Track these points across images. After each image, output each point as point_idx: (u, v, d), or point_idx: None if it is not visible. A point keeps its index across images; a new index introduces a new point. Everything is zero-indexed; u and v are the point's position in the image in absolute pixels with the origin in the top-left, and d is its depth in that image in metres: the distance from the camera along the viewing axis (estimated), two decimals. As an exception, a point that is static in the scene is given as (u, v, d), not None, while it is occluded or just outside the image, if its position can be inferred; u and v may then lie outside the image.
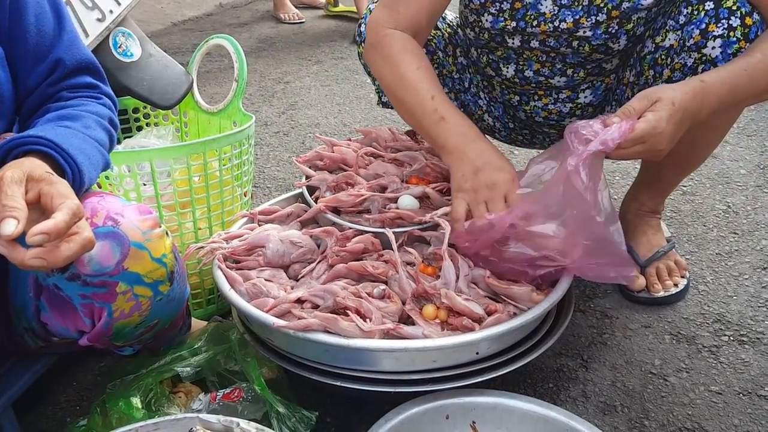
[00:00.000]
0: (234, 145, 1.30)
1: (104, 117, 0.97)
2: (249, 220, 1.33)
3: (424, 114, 1.16)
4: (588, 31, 1.26)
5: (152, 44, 1.43)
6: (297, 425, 1.02)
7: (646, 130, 1.01)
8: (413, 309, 1.07)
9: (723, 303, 1.38)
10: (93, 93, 0.99)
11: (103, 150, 0.93)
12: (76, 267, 0.85)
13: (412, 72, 1.18)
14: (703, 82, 1.05)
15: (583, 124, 1.04)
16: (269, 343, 1.10)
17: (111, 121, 0.99)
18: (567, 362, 1.24)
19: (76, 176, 0.85)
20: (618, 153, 1.03)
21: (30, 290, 0.93)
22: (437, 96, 1.16)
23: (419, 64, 1.19)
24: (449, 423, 1.02)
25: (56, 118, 0.91)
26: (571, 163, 1.01)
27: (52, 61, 0.95)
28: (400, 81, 1.19)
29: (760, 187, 1.82)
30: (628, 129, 1.01)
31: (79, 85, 0.98)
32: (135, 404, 0.99)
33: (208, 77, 3.04)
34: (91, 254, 0.84)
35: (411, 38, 1.22)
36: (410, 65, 1.19)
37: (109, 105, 1.01)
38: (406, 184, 1.29)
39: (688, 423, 1.09)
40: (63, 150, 0.83)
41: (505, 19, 1.30)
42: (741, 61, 1.08)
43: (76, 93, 0.98)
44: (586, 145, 1.01)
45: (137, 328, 0.94)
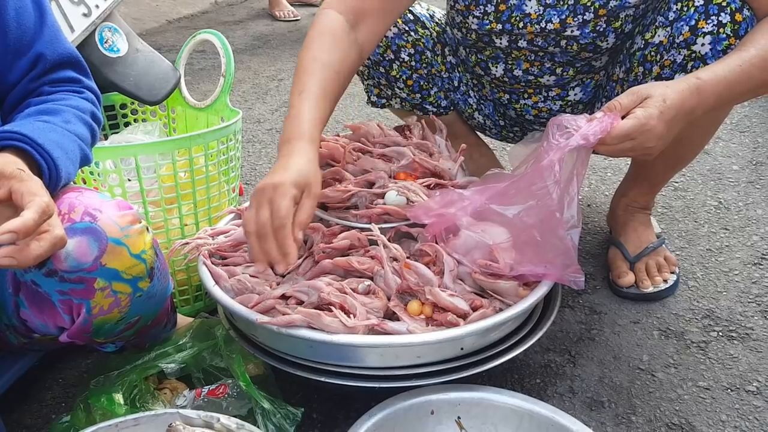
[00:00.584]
0: (220, 140, 1.30)
1: (85, 111, 0.96)
2: (236, 216, 1.32)
3: (289, 107, 1.11)
4: (576, 30, 1.25)
5: (139, 39, 1.42)
6: (282, 421, 1.01)
7: (634, 126, 0.98)
8: (398, 305, 1.07)
9: (712, 299, 1.37)
10: (75, 87, 0.98)
11: (83, 144, 0.92)
12: (53, 263, 0.84)
13: (306, 60, 1.13)
14: (699, 79, 1.02)
15: (568, 118, 1.03)
16: (254, 339, 1.09)
17: (93, 116, 0.98)
18: (554, 358, 1.24)
19: (52, 171, 0.84)
20: (605, 149, 1.02)
21: (9, 286, 0.93)
22: (305, 91, 1.09)
23: (317, 55, 1.13)
24: (434, 418, 1.01)
25: (35, 113, 0.90)
26: (548, 156, 1.00)
27: (33, 55, 0.94)
28: (298, 62, 1.14)
29: (752, 183, 1.81)
30: (610, 124, 0.99)
31: (61, 80, 0.97)
32: (117, 400, 0.99)
33: (201, 75, 3.04)
34: (68, 250, 0.84)
35: (341, 23, 1.17)
36: (310, 52, 1.13)
37: (92, 99, 1.00)
38: (394, 180, 1.28)
39: (675, 418, 1.09)
40: (38, 145, 0.82)
41: (490, 22, 1.30)
42: (735, 57, 1.05)
43: (58, 87, 0.97)
44: (567, 139, 1.00)
45: (118, 325, 0.94)
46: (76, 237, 0.84)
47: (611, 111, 1.01)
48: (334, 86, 1.14)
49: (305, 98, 1.09)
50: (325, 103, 1.12)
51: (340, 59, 1.15)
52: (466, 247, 1.12)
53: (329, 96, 1.13)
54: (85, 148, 0.92)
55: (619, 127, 0.99)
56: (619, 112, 1.01)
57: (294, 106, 1.09)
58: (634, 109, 1.00)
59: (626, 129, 0.99)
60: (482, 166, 1.61)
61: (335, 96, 1.15)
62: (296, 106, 1.09)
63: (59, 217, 0.85)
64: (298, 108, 1.09)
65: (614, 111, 1.01)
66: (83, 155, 0.92)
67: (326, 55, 1.14)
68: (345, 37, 1.17)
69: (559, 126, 1.03)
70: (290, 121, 1.08)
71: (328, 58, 1.13)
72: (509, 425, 1.01)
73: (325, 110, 1.12)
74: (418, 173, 1.29)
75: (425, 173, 1.29)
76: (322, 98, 1.11)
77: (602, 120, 0.99)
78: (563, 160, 1.01)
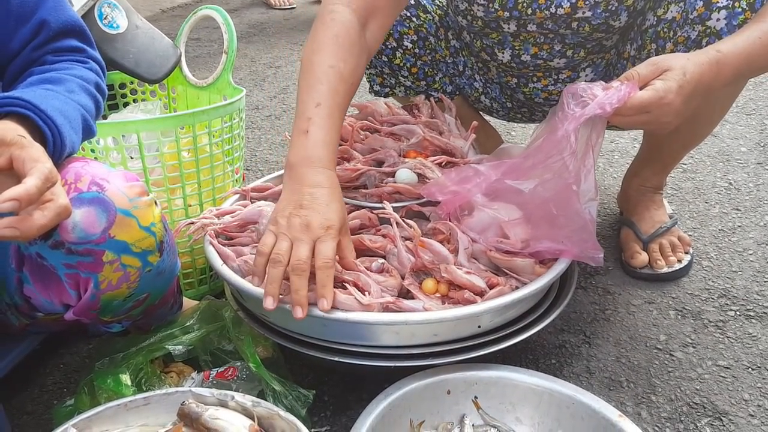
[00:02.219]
0: (224, 118, 1.26)
1: (90, 81, 0.92)
2: (241, 197, 1.29)
3: (300, 116, 1.02)
4: (587, 11, 1.22)
5: (138, 16, 1.38)
6: (294, 403, 0.98)
7: (652, 98, 0.94)
8: (413, 284, 1.04)
9: (728, 278, 1.35)
10: (79, 57, 0.94)
11: (87, 115, 0.88)
12: (60, 234, 0.80)
13: (321, 67, 1.04)
14: (719, 52, 0.99)
15: (583, 86, 0.98)
16: (264, 319, 1.06)
17: (98, 87, 0.94)
18: (569, 338, 1.21)
19: (56, 139, 0.80)
20: (620, 120, 0.98)
21: (12, 261, 0.89)
22: (323, 106, 1.01)
23: (334, 63, 1.04)
24: (451, 398, 0.98)
25: (38, 82, 0.87)
26: (563, 126, 0.96)
27: (36, 22, 0.90)
28: (308, 67, 1.05)
29: (761, 165, 1.79)
30: (628, 93, 0.95)
31: (64, 49, 0.93)
32: (124, 381, 0.95)
33: (197, 62, 3.00)
34: (75, 220, 0.80)
35: (354, 24, 1.08)
36: (326, 58, 1.04)
37: (96, 70, 0.96)
38: (404, 158, 1.25)
39: (696, 398, 1.06)
40: (41, 111, 0.78)
41: (496, 10, 1.26)
42: (755, 29, 1.02)
43: (62, 57, 0.93)
44: (582, 108, 0.97)
45: (126, 302, 0.90)
46: (84, 207, 0.80)
47: (629, 80, 0.97)
48: (347, 99, 1.07)
49: (324, 114, 1.01)
50: (340, 120, 1.05)
51: (354, 68, 1.08)
52: (481, 225, 1.09)
53: (342, 110, 1.06)
54: (88, 118, 0.88)
55: (637, 97, 0.95)
56: (637, 82, 0.97)
57: (312, 121, 1.01)
58: (653, 80, 0.96)
59: (644, 100, 0.95)
60: (489, 148, 1.57)
61: (346, 108, 1.08)
62: (316, 122, 1.00)
63: (65, 187, 0.81)
64: (319, 125, 1.00)
65: (632, 80, 0.97)
66: (87, 126, 0.88)
67: (343, 63, 1.05)
68: (358, 42, 1.09)
69: (574, 95, 0.99)
70: (311, 139, 1.00)
71: (344, 68, 1.05)
72: (528, 404, 0.98)
73: (339, 130, 1.06)
74: (429, 151, 1.26)
75: (436, 151, 1.26)
76: (338, 115, 1.04)
77: (620, 89, 0.95)
78: (579, 130, 0.98)
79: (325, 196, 0.96)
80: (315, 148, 0.99)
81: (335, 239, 0.93)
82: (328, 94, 1.02)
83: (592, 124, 0.98)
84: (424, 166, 1.15)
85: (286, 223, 0.94)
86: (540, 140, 1.03)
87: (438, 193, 1.09)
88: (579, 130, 0.98)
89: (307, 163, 0.98)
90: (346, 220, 0.98)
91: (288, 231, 0.94)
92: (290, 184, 0.99)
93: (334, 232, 0.93)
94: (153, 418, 0.89)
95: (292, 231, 0.93)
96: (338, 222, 0.94)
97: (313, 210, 0.94)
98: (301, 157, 0.99)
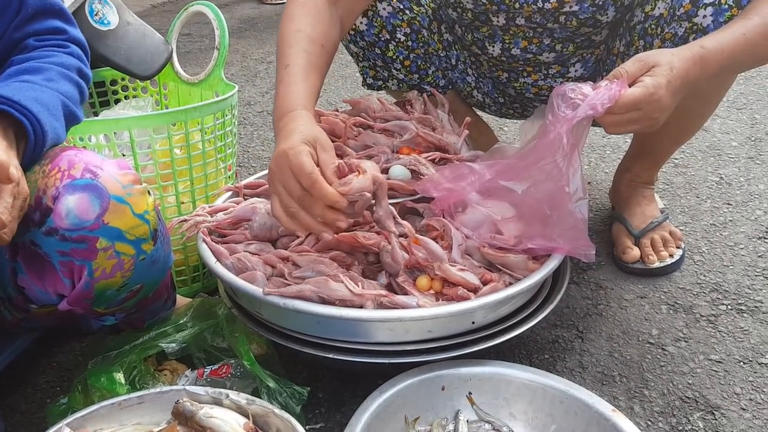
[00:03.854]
0: (216, 115, 1.26)
1: (71, 68, 0.91)
2: (234, 194, 1.29)
3: (276, 81, 1.06)
4: (575, 5, 1.22)
5: (129, 12, 1.37)
6: (288, 400, 0.98)
7: (643, 95, 0.95)
8: (407, 280, 1.04)
9: (719, 273, 1.35)
10: (60, 40, 0.94)
11: (69, 101, 0.88)
12: (54, 220, 0.81)
13: (290, 33, 1.07)
14: (703, 48, 1.00)
15: (572, 87, 0.98)
16: (258, 316, 1.06)
17: (80, 72, 0.93)
18: (562, 333, 1.22)
19: (36, 128, 0.80)
20: (611, 119, 0.98)
21: (6, 251, 0.88)
22: (291, 65, 1.04)
23: (301, 27, 1.08)
24: (445, 394, 0.98)
25: (16, 73, 0.87)
26: (555, 129, 0.97)
27: (16, 2, 0.90)
28: (279, 37, 1.09)
29: (752, 159, 1.80)
30: (618, 91, 0.95)
31: (46, 31, 0.93)
32: (118, 379, 0.95)
33: (188, 58, 2.98)
34: (69, 207, 0.80)
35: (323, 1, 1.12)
36: (293, 24, 1.08)
37: (78, 54, 0.95)
38: (397, 155, 1.25)
39: (689, 392, 1.07)
40: (16, 102, 0.79)
41: (485, 3, 1.26)
42: (739, 25, 1.03)
43: (43, 41, 0.92)
44: (573, 110, 0.97)
45: (120, 292, 0.90)
46: (77, 194, 0.81)
47: (618, 78, 0.97)
48: (321, 59, 1.09)
49: (293, 72, 1.04)
50: (314, 75, 1.06)
51: (324, 33, 1.10)
52: (474, 222, 1.09)
53: (317, 70, 1.08)
54: (70, 104, 0.88)
55: (628, 95, 0.95)
56: (626, 79, 0.97)
57: (282, 81, 1.03)
58: (642, 77, 0.97)
59: (635, 97, 0.95)
60: (481, 144, 1.57)
61: (323, 70, 1.10)
62: (284, 81, 1.03)
63: (58, 174, 0.81)
64: (287, 82, 1.03)
65: (620, 78, 0.97)
66: (69, 112, 0.88)
67: (311, 28, 1.08)
68: (326, 12, 1.12)
69: (563, 96, 0.99)
70: (280, 96, 1.02)
71: (312, 31, 1.08)
72: (522, 399, 0.99)
73: (315, 83, 1.07)
74: (422, 147, 1.26)
75: (429, 147, 1.26)
76: (311, 70, 1.06)
77: (609, 88, 0.95)
78: (570, 132, 0.98)
79: (289, 131, 0.94)
80: (284, 101, 1.01)
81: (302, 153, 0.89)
82: (296, 54, 1.05)
83: (579, 125, 0.98)
84: (419, 163, 1.15)
85: (269, 174, 0.95)
86: (533, 142, 1.03)
87: (432, 189, 1.09)
88: (571, 131, 0.98)
89: (278, 117, 1.00)
90: (315, 136, 0.94)
91: (271, 182, 0.94)
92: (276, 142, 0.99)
93: (297, 148, 0.90)
94: (147, 417, 0.89)
95: (273, 179, 0.93)
96: (299, 139, 0.91)
97: (277, 146, 0.94)
98: (275, 115, 1.02)
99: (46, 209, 0.82)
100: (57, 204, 0.81)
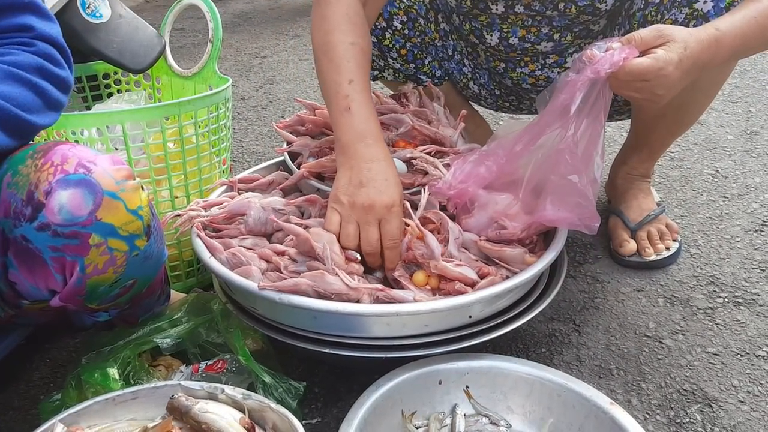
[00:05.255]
0: (210, 108, 1.24)
1: (26, 67, 0.87)
2: (228, 188, 1.28)
3: (336, 95, 1.04)
4: None
5: (122, 5, 1.36)
6: (284, 395, 0.97)
7: (652, 67, 0.92)
8: (403, 275, 1.03)
9: (716, 266, 1.35)
10: (25, 38, 0.89)
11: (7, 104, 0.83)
12: (46, 216, 0.79)
13: (343, 45, 1.06)
14: (717, 30, 0.98)
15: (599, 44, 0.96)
16: (253, 312, 1.05)
17: (42, 71, 0.89)
18: (559, 327, 1.21)
19: None
20: (616, 84, 0.96)
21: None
22: (356, 82, 1.04)
23: (355, 40, 1.06)
24: (442, 388, 0.98)
25: None
26: (561, 94, 0.95)
27: None
28: (327, 48, 1.06)
29: (747, 152, 1.80)
30: (623, 59, 0.92)
31: (9, 28, 0.89)
32: (112, 375, 0.94)
33: (181, 52, 2.96)
34: (61, 202, 0.79)
35: (359, 6, 1.11)
36: (345, 36, 1.06)
37: (45, 52, 0.90)
38: (393, 148, 1.24)
39: (686, 385, 1.07)
40: None
41: None
42: (750, 8, 1.01)
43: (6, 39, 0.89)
44: (577, 74, 0.95)
45: (112, 288, 0.89)
46: (70, 189, 0.79)
47: (630, 42, 0.95)
48: (369, 73, 1.11)
49: (360, 89, 1.04)
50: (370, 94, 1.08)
51: (369, 43, 1.11)
52: (480, 226, 1.08)
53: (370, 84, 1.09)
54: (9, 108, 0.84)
55: (636, 64, 0.93)
56: (638, 46, 0.94)
57: (351, 97, 1.03)
58: (655, 48, 0.94)
59: (643, 67, 0.93)
60: (477, 137, 1.57)
61: None
62: (355, 99, 1.03)
63: (51, 168, 0.80)
64: (359, 101, 1.03)
65: (632, 43, 0.95)
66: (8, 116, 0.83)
67: (362, 39, 1.08)
68: (363, 16, 1.12)
69: (579, 58, 0.97)
70: (356, 115, 1.03)
71: (364, 43, 1.08)
72: (519, 393, 0.98)
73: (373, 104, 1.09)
74: (418, 141, 1.26)
75: (425, 140, 1.25)
76: (369, 89, 1.08)
77: (613, 54, 0.93)
78: (577, 96, 0.96)
79: (382, 171, 1.00)
80: (362, 123, 1.03)
81: (399, 216, 1.00)
82: (357, 70, 1.05)
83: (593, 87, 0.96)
84: (427, 163, 1.15)
85: (348, 202, 0.99)
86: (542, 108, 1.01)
87: (446, 189, 1.08)
88: (578, 96, 0.96)
89: (359, 139, 1.02)
90: (402, 192, 1.03)
91: (352, 212, 0.99)
92: (346, 161, 1.02)
93: (398, 209, 0.99)
94: (142, 413, 0.88)
95: (357, 212, 0.99)
96: (399, 197, 1.00)
97: (374, 188, 0.99)
98: (352, 134, 1.03)
99: (38, 204, 0.80)
100: (49, 199, 0.80)
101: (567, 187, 1.00)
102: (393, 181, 1.01)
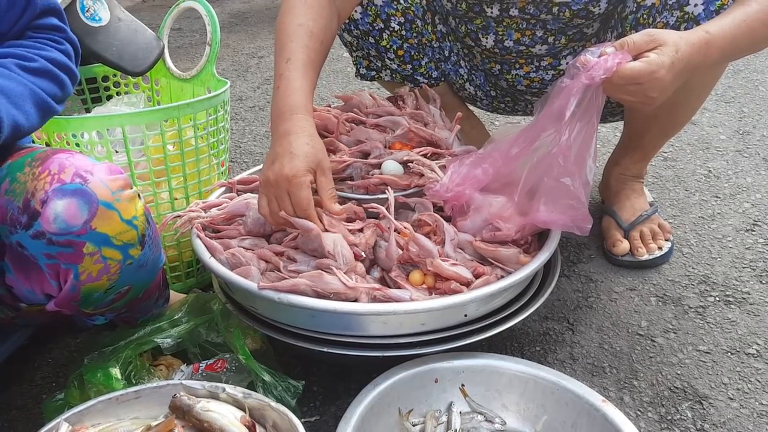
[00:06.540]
0: (209, 111, 1.26)
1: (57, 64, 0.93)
2: (227, 189, 1.29)
3: (275, 75, 1.07)
4: None
5: (121, 8, 1.37)
6: (283, 394, 0.99)
7: (644, 70, 0.94)
8: (399, 275, 1.05)
9: (708, 265, 1.37)
10: (57, 36, 0.96)
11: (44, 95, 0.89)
12: (41, 224, 0.81)
13: (291, 26, 1.09)
14: (707, 33, 1.00)
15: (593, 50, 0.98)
16: (252, 311, 1.07)
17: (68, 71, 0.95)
18: (553, 326, 1.23)
19: None
20: (609, 88, 0.98)
21: None
22: (293, 60, 1.05)
23: (303, 21, 1.09)
24: (438, 386, 1.00)
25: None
26: (557, 100, 0.97)
27: (24, 2, 0.92)
28: (278, 29, 1.10)
29: (740, 152, 1.82)
30: (617, 64, 0.94)
31: (45, 27, 0.94)
32: (114, 375, 0.95)
33: (179, 53, 2.97)
34: (57, 212, 0.81)
35: None
36: (295, 18, 1.09)
37: (70, 53, 0.97)
38: (390, 150, 1.26)
39: (677, 382, 1.09)
40: None
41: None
42: (739, 12, 1.03)
43: (40, 34, 0.94)
44: (571, 80, 0.97)
45: (107, 294, 0.90)
46: (66, 198, 0.81)
47: (622, 47, 0.97)
48: (320, 56, 1.12)
49: (294, 67, 1.06)
50: (312, 72, 1.09)
51: (325, 27, 1.12)
52: (475, 228, 1.10)
53: (315, 65, 1.10)
54: (46, 98, 0.89)
55: (629, 68, 0.95)
56: (630, 51, 0.97)
57: (283, 75, 1.05)
58: (647, 52, 0.96)
59: (636, 71, 0.95)
60: (473, 138, 1.59)
61: (320, 66, 1.13)
62: (286, 76, 1.05)
63: (48, 177, 0.82)
64: (288, 77, 1.05)
65: (625, 48, 0.97)
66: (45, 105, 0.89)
67: (312, 22, 1.10)
68: (327, 5, 1.14)
69: (572, 64, 0.99)
70: (281, 92, 1.05)
71: (314, 26, 1.10)
72: (514, 391, 1.00)
73: (313, 80, 1.09)
74: (414, 143, 1.27)
75: (421, 143, 1.27)
76: (310, 67, 1.08)
77: (607, 60, 0.95)
78: (571, 101, 0.98)
79: (292, 143, 1.00)
80: (285, 99, 1.04)
81: (303, 187, 0.98)
82: (298, 49, 1.07)
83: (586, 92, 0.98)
84: (423, 166, 1.16)
85: (262, 179, 1.02)
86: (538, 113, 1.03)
87: (443, 192, 1.10)
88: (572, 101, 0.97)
89: (278, 115, 1.04)
90: (318, 159, 1.01)
91: (266, 188, 1.01)
92: (272, 140, 1.04)
93: (301, 180, 0.98)
94: (144, 412, 0.90)
95: (268, 188, 1.01)
96: (303, 167, 0.98)
97: (279, 162, 0.99)
98: (275, 111, 1.04)
99: (33, 212, 0.82)
100: (45, 208, 0.82)
101: (560, 190, 1.02)
102: (301, 151, 0.99)
